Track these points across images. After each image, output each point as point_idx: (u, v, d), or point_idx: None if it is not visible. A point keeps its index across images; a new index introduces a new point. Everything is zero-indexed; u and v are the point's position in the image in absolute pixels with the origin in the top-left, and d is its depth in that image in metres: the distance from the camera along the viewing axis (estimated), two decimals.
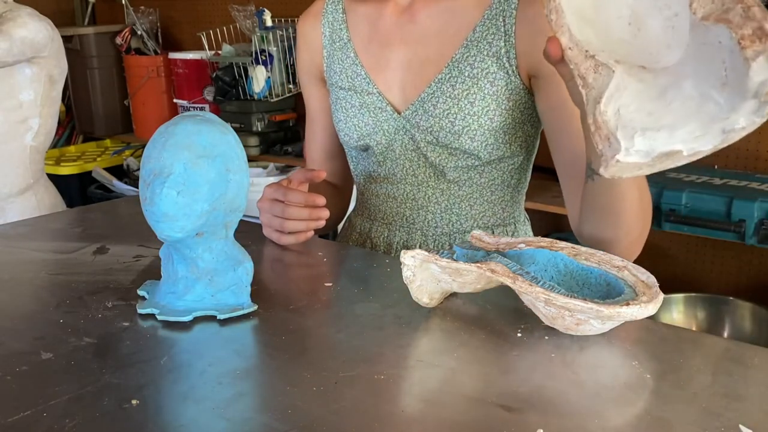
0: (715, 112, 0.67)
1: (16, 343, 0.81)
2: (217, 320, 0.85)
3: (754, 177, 2.03)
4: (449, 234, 1.16)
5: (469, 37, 1.07)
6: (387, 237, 1.20)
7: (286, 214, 1.06)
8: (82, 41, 3.32)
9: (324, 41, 1.21)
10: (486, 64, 1.06)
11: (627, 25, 0.75)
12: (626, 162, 0.70)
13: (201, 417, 0.66)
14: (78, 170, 3.16)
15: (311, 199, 1.06)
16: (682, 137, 0.68)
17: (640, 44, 0.74)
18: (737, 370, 0.73)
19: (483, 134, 1.07)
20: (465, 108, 1.07)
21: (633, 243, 0.96)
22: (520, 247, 0.88)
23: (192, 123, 0.84)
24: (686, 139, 0.68)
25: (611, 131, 0.70)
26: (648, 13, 0.73)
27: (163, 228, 0.82)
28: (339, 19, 1.20)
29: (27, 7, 1.94)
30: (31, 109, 1.98)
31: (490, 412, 0.66)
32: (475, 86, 1.06)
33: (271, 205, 1.08)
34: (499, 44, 1.05)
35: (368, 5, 1.17)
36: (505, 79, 1.06)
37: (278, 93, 2.81)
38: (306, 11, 1.26)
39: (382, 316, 0.86)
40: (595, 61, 0.73)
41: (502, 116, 1.07)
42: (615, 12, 0.75)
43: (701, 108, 0.67)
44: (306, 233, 1.08)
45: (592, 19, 0.76)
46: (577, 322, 0.77)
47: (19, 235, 1.21)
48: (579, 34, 0.75)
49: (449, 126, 1.08)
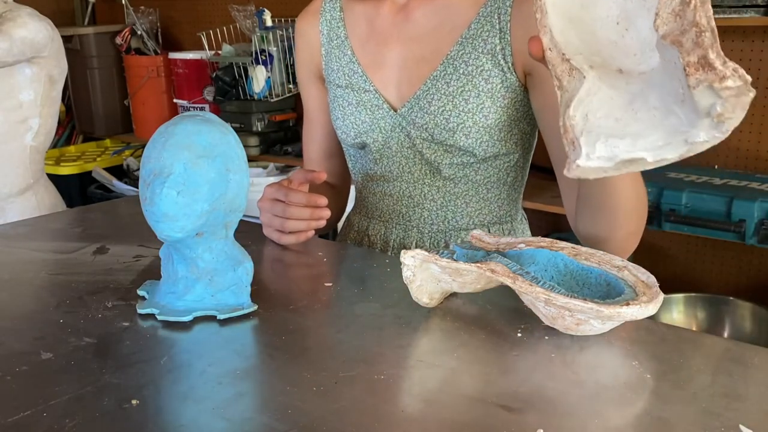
0: (677, 125, 0.67)
1: (16, 343, 0.81)
2: (217, 320, 0.85)
3: (754, 177, 2.03)
4: (445, 231, 1.16)
5: (463, 35, 1.08)
6: (384, 234, 1.20)
7: (287, 214, 1.06)
8: (82, 41, 3.32)
9: (322, 39, 1.22)
10: (481, 61, 1.06)
11: (615, 25, 0.75)
12: (587, 166, 0.71)
13: (201, 417, 0.66)
14: (78, 170, 3.16)
15: (312, 200, 1.07)
16: (646, 146, 0.69)
17: (626, 45, 0.74)
18: (737, 370, 0.73)
19: (478, 131, 1.07)
20: (459, 105, 1.07)
21: (628, 237, 0.97)
22: (520, 247, 0.88)
23: (192, 123, 0.84)
24: (649, 147, 0.69)
25: (576, 136, 0.71)
26: (637, 13, 0.73)
27: (163, 228, 0.82)
28: (336, 17, 1.21)
29: (27, 7, 1.94)
30: (31, 109, 1.98)
31: (490, 412, 0.66)
32: (470, 83, 1.07)
33: (272, 205, 1.08)
34: (494, 41, 1.06)
35: (365, 4, 1.18)
36: (500, 76, 1.06)
37: (278, 93, 2.81)
38: (305, 10, 1.26)
39: (382, 316, 0.86)
40: (569, 65, 0.74)
41: (497, 113, 1.07)
42: (604, 11, 0.75)
43: (665, 119, 0.68)
44: (306, 233, 1.08)
45: (579, 19, 0.77)
46: (577, 322, 0.77)
47: (19, 235, 1.21)
48: (561, 35, 0.76)
49: (444, 123, 1.08)
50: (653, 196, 1.96)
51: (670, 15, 0.66)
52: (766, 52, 2.05)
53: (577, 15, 0.76)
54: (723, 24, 1.95)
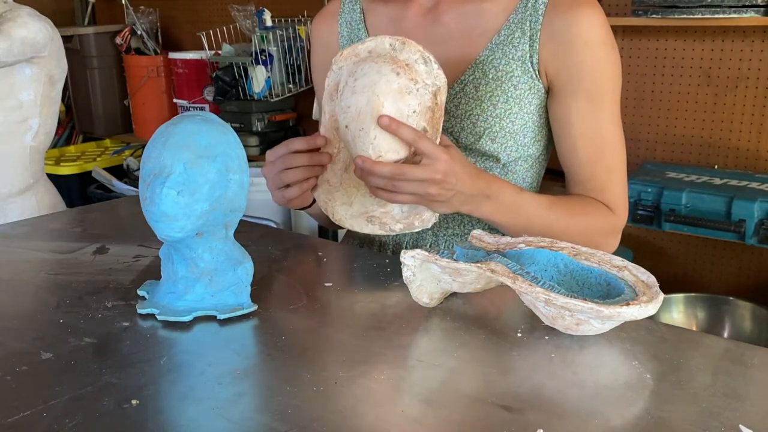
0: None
1: (16, 343, 0.81)
2: (217, 320, 0.85)
3: (754, 177, 2.03)
4: (460, 235, 1.15)
5: (494, 40, 1.08)
6: (396, 237, 1.18)
7: (286, 164, 1.02)
8: (82, 41, 3.32)
9: (341, 41, 1.21)
10: (511, 67, 1.07)
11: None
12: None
13: (201, 417, 0.66)
14: (78, 170, 3.16)
15: (311, 141, 1.01)
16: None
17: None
18: (737, 370, 0.73)
19: (504, 136, 1.07)
20: (487, 110, 1.07)
21: (594, 244, 0.95)
22: (520, 247, 0.88)
23: (192, 123, 0.84)
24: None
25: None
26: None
27: (163, 228, 0.82)
28: (357, 20, 1.19)
29: (27, 7, 1.94)
30: (31, 109, 1.98)
31: (490, 412, 0.66)
32: (499, 89, 1.07)
33: (273, 166, 1.04)
34: (525, 48, 1.06)
35: (390, 6, 1.17)
36: (528, 83, 1.06)
37: (278, 93, 2.81)
38: (321, 12, 1.25)
39: (382, 316, 0.86)
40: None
41: (523, 119, 1.07)
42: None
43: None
44: (309, 181, 1.03)
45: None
46: (577, 322, 0.77)
47: (19, 235, 1.21)
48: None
49: (471, 127, 1.08)
50: (653, 196, 1.96)
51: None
52: (766, 52, 2.05)
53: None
54: (723, 24, 1.95)
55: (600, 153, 1.06)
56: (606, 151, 1.07)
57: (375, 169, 0.92)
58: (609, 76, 1.05)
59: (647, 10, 2.01)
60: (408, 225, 0.99)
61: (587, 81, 1.04)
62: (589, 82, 1.04)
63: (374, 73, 0.93)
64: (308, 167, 1.02)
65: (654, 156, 2.26)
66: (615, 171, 1.08)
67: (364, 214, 1.01)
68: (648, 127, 2.26)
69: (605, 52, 1.05)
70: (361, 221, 1.01)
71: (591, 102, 1.05)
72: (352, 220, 1.01)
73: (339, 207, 1.02)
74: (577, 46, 1.03)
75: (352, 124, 0.95)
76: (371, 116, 0.92)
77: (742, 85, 2.10)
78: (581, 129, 1.06)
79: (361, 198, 1.01)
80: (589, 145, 1.06)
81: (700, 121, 2.18)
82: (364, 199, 1.00)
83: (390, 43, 0.96)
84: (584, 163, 1.07)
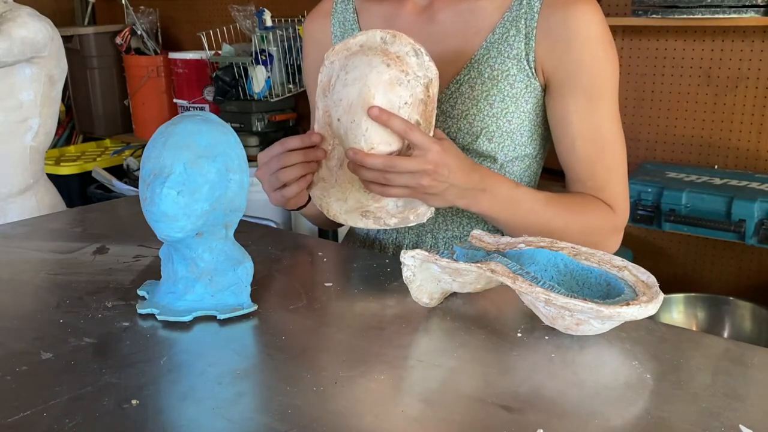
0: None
1: (16, 343, 0.81)
2: (217, 320, 0.85)
3: (754, 177, 2.03)
4: (459, 237, 1.15)
5: (488, 38, 1.07)
6: (396, 239, 1.18)
7: (281, 163, 1.00)
8: (82, 41, 3.32)
9: (334, 41, 1.20)
10: (507, 66, 1.06)
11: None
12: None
13: (201, 417, 0.66)
14: (78, 170, 3.16)
15: (306, 138, 1.00)
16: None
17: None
18: (737, 370, 0.73)
19: (500, 136, 1.07)
20: (484, 109, 1.06)
21: (595, 243, 0.95)
22: (520, 247, 0.88)
23: (192, 123, 0.84)
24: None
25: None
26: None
27: (163, 228, 0.82)
28: (350, 19, 1.19)
29: (27, 7, 1.94)
30: (31, 109, 1.98)
31: (490, 412, 0.66)
32: (495, 88, 1.06)
33: (267, 168, 1.02)
34: (520, 46, 1.05)
35: (384, 5, 1.16)
36: (525, 81, 1.06)
37: (278, 93, 2.81)
38: (313, 11, 1.24)
39: (382, 316, 0.86)
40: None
41: (519, 118, 1.07)
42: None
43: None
44: (306, 178, 1.01)
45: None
46: (577, 322, 0.77)
47: (19, 235, 1.21)
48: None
49: (467, 127, 1.07)
50: (653, 196, 1.96)
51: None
52: (766, 52, 2.05)
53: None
54: (723, 24, 1.95)
55: (599, 151, 1.06)
56: (605, 150, 1.06)
57: (366, 160, 0.91)
58: (607, 73, 1.05)
59: (647, 10, 2.01)
60: (403, 219, 0.99)
61: (585, 78, 1.04)
62: (587, 79, 1.04)
63: (365, 66, 0.93)
64: (304, 164, 1.01)
65: (654, 156, 2.26)
66: (615, 169, 1.08)
67: (358, 209, 1.00)
68: (648, 127, 2.26)
69: (603, 49, 1.04)
70: (356, 216, 1.00)
71: (589, 100, 1.04)
72: (346, 215, 1.01)
73: (334, 203, 1.02)
74: (575, 43, 1.03)
75: (344, 117, 0.95)
76: (362, 108, 0.92)
77: (742, 85, 2.10)
78: (580, 127, 1.05)
79: (355, 193, 1.00)
80: (588, 144, 1.06)
81: (700, 121, 2.18)
82: (358, 195, 1.00)
83: (381, 37, 0.96)
84: (583, 162, 1.07)
